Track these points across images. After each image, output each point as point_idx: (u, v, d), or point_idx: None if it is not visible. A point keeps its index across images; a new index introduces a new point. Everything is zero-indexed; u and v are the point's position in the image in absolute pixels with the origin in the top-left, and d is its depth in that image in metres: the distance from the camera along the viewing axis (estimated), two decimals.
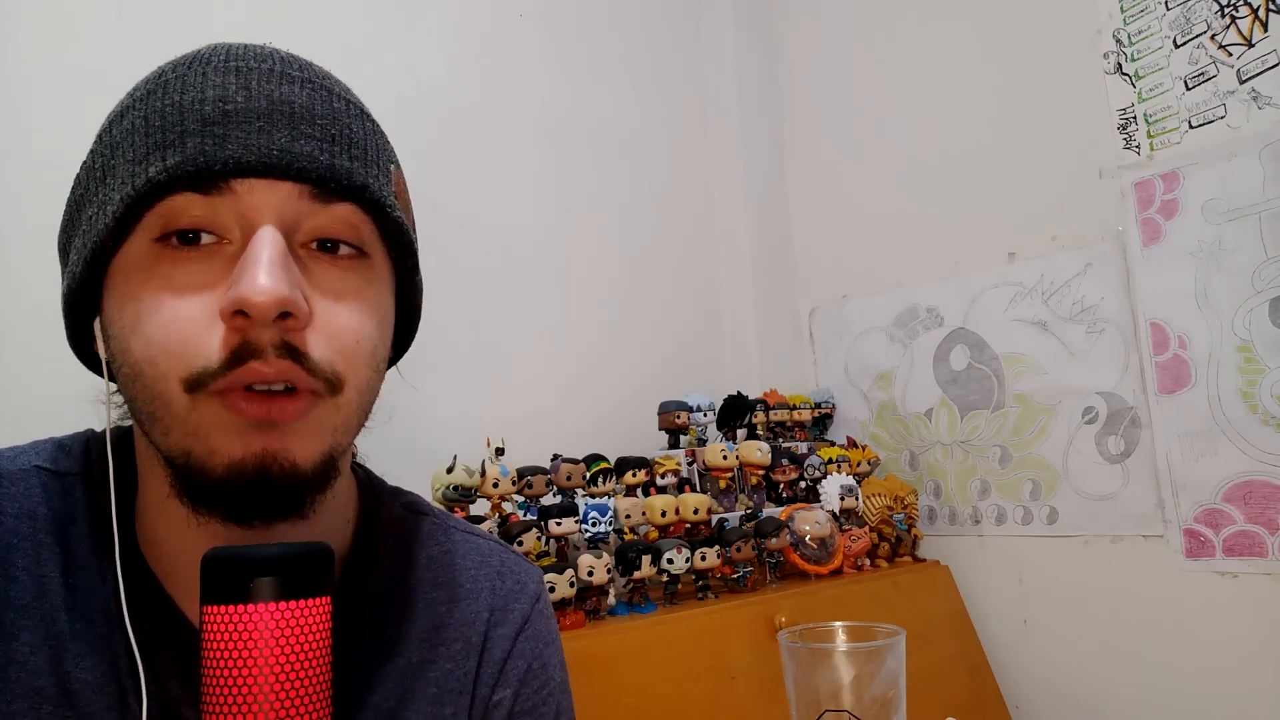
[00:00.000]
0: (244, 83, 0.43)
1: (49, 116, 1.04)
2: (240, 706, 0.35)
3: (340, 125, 0.46)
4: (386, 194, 0.47)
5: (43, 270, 0.98)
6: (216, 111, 0.42)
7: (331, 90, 0.47)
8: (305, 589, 0.37)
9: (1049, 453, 1.51)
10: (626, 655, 1.05)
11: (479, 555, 0.60)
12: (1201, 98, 1.33)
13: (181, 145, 0.41)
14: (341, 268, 0.45)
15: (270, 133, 0.42)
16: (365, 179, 0.45)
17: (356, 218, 0.46)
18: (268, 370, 0.41)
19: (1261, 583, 1.25)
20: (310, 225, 0.44)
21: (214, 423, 0.41)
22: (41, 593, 0.45)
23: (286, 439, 0.42)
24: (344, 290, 0.45)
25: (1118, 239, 1.42)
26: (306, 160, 0.43)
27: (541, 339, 1.54)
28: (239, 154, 0.41)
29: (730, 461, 1.40)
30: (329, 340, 0.43)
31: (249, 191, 0.42)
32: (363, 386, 0.46)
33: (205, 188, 0.41)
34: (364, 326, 0.46)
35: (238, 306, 0.40)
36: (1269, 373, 1.25)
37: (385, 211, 0.46)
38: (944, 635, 1.46)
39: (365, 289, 0.46)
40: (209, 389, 0.41)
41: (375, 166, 0.47)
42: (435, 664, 0.54)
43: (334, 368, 0.44)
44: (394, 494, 0.60)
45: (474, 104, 1.51)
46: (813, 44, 1.97)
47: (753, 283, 1.87)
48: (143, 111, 0.44)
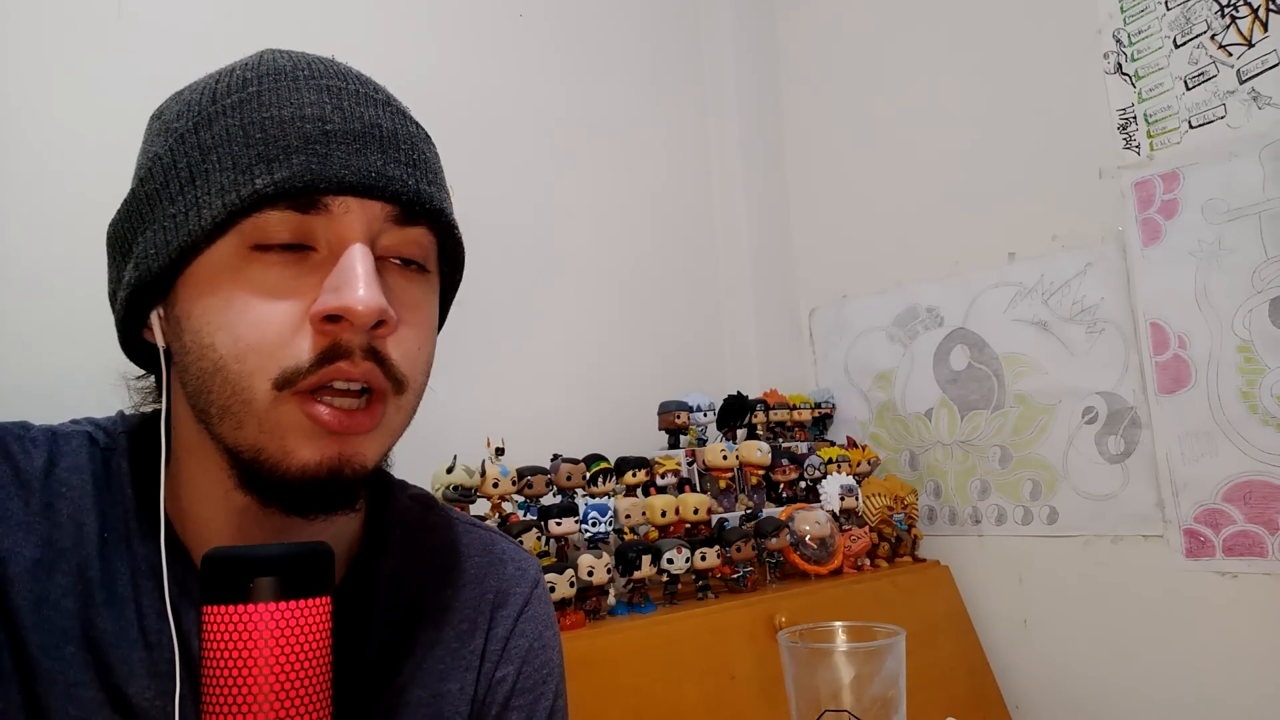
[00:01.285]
0: (338, 103, 0.47)
1: (49, 116, 1.04)
2: (240, 706, 0.35)
3: (419, 150, 0.50)
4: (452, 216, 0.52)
5: (42, 267, 0.98)
6: (317, 130, 0.45)
7: (405, 114, 0.51)
8: (305, 589, 0.37)
9: (1049, 453, 1.51)
10: (626, 655, 1.05)
11: (482, 544, 0.63)
12: (1201, 98, 1.33)
13: (287, 161, 0.44)
14: (410, 280, 0.50)
15: (366, 154, 0.46)
16: (442, 203, 0.50)
17: (425, 238, 0.50)
18: (354, 370, 0.45)
19: (1261, 583, 1.25)
20: (388, 242, 0.48)
21: (292, 424, 0.45)
22: (80, 539, 0.47)
23: (360, 444, 0.46)
24: (412, 302, 0.49)
25: (1118, 239, 1.42)
26: (398, 184, 0.47)
27: (541, 339, 1.54)
28: (341, 174, 0.45)
29: (730, 461, 1.40)
30: (402, 346, 0.48)
31: (343, 209, 0.45)
32: (419, 390, 0.51)
33: (305, 205, 0.45)
34: (425, 335, 0.51)
35: (340, 313, 0.44)
36: (1269, 373, 1.25)
37: (452, 233, 0.52)
38: (944, 635, 1.46)
39: (424, 301, 0.51)
40: (296, 387, 0.44)
41: (444, 190, 0.52)
42: (442, 643, 0.57)
43: (403, 371, 0.48)
44: (402, 486, 0.64)
45: (474, 103, 1.51)
46: (813, 44, 1.97)
47: (753, 283, 1.87)
48: (238, 120, 0.46)
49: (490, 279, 1.47)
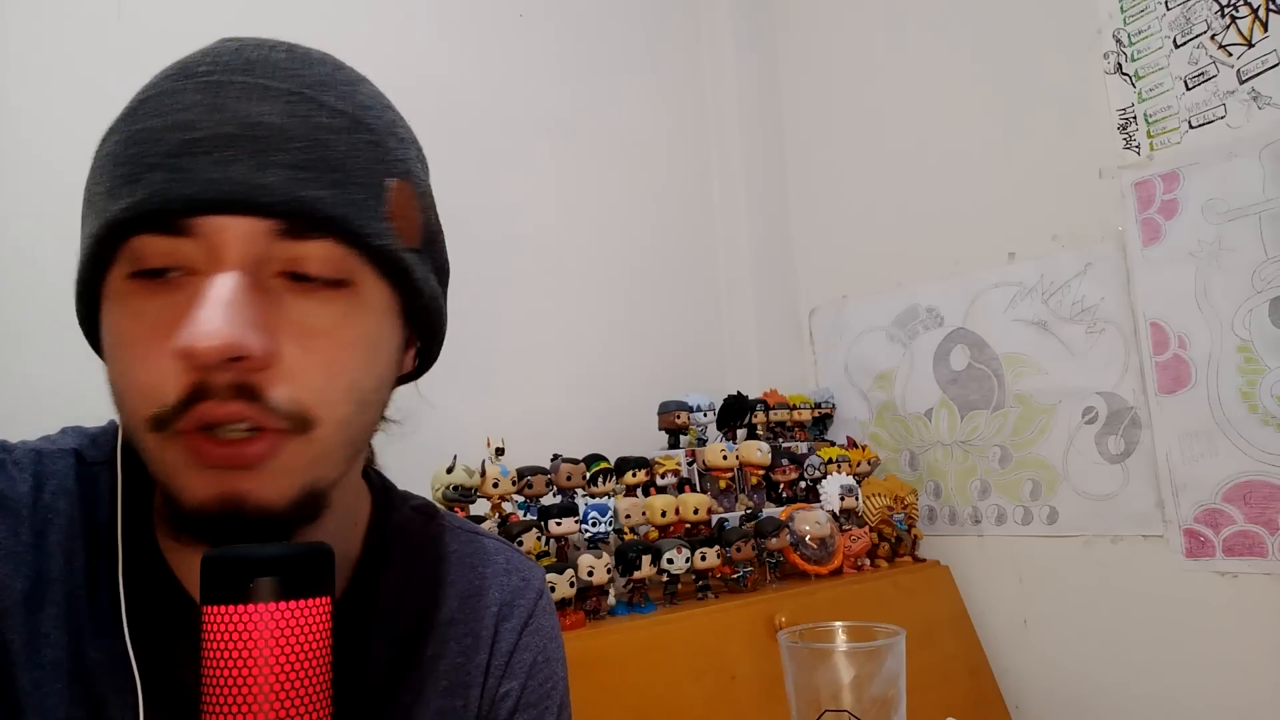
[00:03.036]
0: (215, 102, 0.41)
1: (49, 117, 1.04)
2: (240, 706, 0.35)
3: (319, 147, 0.42)
4: (368, 219, 0.43)
5: (42, 268, 0.98)
6: (179, 140, 0.40)
7: (318, 101, 0.43)
8: (305, 589, 0.37)
9: (1049, 453, 1.51)
10: (626, 655, 1.05)
11: (485, 554, 0.62)
12: (1201, 98, 1.33)
13: (145, 180, 0.40)
14: (319, 299, 0.43)
15: (234, 163, 0.40)
16: (337, 209, 0.42)
17: (335, 249, 0.42)
18: (219, 411, 0.40)
19: (1261, 583, 1.25)
20: (283, 258, 0.41)
21: (178, 463, 0.41)
22: (70, 569, 0.45)
23: (252, 480, 0.41)
24: (319, 324, 0.42)
25: (1118, 239, 1.42)
26: (267, 194, 0.40)
27: (541, 339, 1.54)
28: (197, 191, 0.39)
29: (730, 461, 1.40)
30: (297, 378, 0.41)
31: (215, 228, 0.40)
32: (343, 420, 0.44)
33: (166, 227, 0.40)
34: (341, 360, 0.43)
35: (182, 354, 0.39)
36: (1269, 373, 1.25)
37: (364, 241, 0.43)
38: (944, 635, 1.46)
39: (345, 321, 0.44)
40: (170, 429, 0.40)
41: (359, 190, 0.43)
42: (446, 657, 0.55)
43: (301, 406, 0.42)
44: (404, 498, 0.62)
45: (474, 104, 1.52)
46: (813, 44, 1.97)
47: (753, 283, 1.87)
48: (120, 135, 0.42)
49: (490, 279, 1.47)
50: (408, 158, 0.48)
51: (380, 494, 0.59)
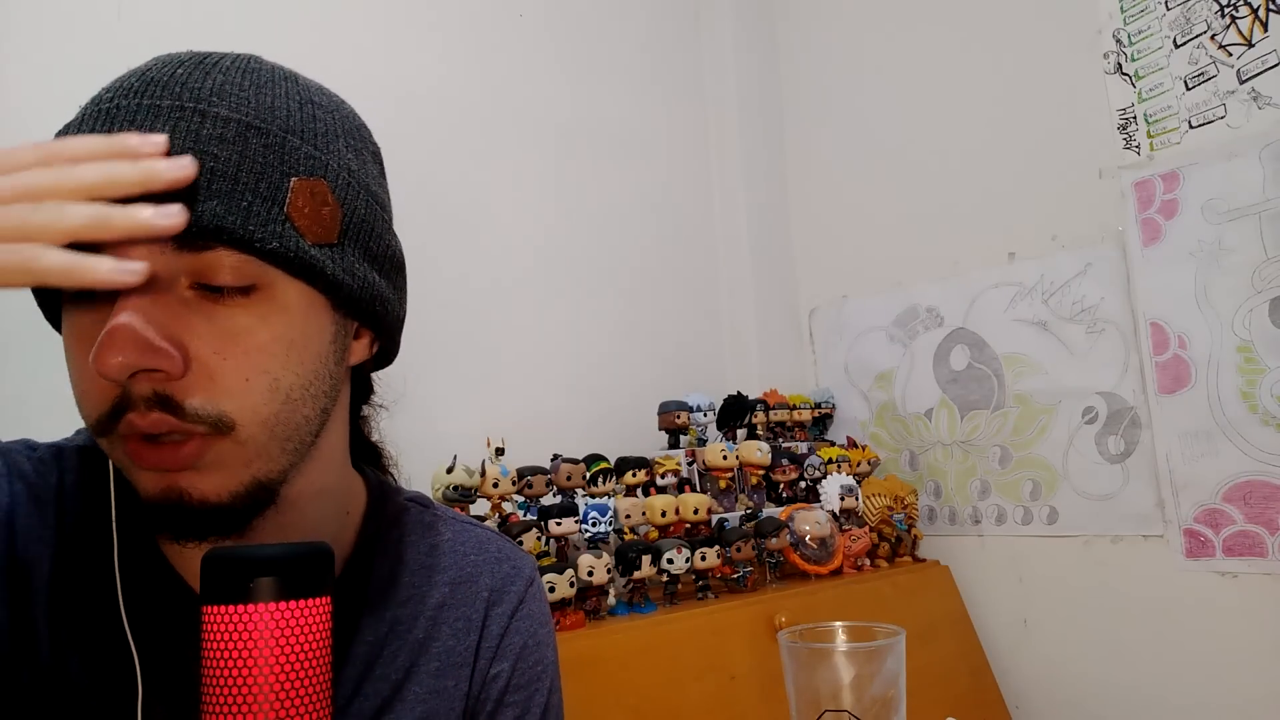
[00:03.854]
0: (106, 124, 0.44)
1: (49, 116, 1.03)
2: (240, 706, 0.35)
3: (204, 159, 0.42)
4: (260, 224, 0.43)
5: None
6: None
7: (205, 113, 0.44)
8: (305, 589, 0.37)
9: (1049, 453, 1.51)
10: (626, 655, 1.05)
11: (478, 542, 0.64)
12: (1201, 98, 1.33)
13: None
14: (229, 306, 0.44)
15: None
16: (224, 219, 0.42)
17: (236, 256, 0.43)
18: (141, 422, 0.42)
19: (1261, 583, 1.25)
20: (189, 269, 0.43)
21: (125, 463, 0.45)
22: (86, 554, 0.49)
23: (189, 479, 0.44)
24: (230, 330, 0.44)
25: (1118, 239, 1.42)
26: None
27: (542, 339, 1.54)
28: None
29: (730, 461, 1.40)
30: (211, 385, 0.43)
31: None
32: (268, 419, 0.45)
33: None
34: (256, 363, 0.45)
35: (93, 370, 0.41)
36: (1269, 373, 1.25)
37: (254, 247, 0.43)
38: (944, 635, 1.46)
39: (259, 325, 0.45)
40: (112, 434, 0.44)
41: (250, 194, 0.43)
42: (438, 640, 0.58)
43: (218, 411, 0.43)
44: (397, 490, 0.64)
45: (474, 104, 1.51)
46: (813, 44, 1.97)
47: (753, 283, 1.87)
48: None
49: (490, 279, 1.47)
50: (319, 153, 0.48)
51: (375, 488, 0.61)
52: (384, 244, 0.52)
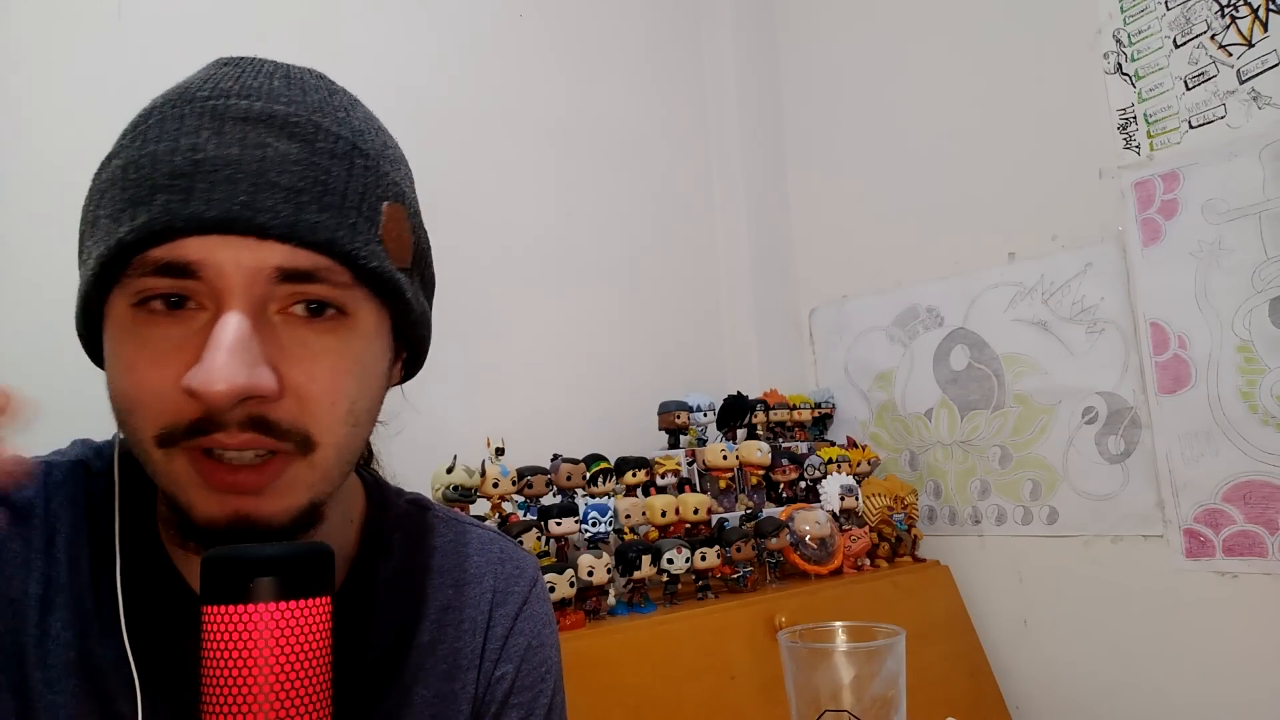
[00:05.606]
0: (217, 127, 0.42)
1: (49, 115, 1.04)
2: (240, 706, 0.35)
3: (318, 172, 0.43)
4: (363, 243, 0.44)
5: (43, 268, 0.98)
6: (187, 162, 0.41)
7: (318, 126, 0.45)
8: (305, 589, 0.37)
9: (1049, 453, 1.51)
10: (626, 655, 1.05)
11: (480, 543, 0.63)
12: (1201, 98, 1.33)
13: (150, 202, 0.41)
14: (318, 330, 0.45)
15: (236, 184, 0.41)
16: (335, 233, 0.43)
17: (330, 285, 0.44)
18: (231, 442, 0.42)
19: (1261, 583, 1.25)
20: (283, 295, 0.43)
21: (187, 479, 0.43)
22: (75, 573, 0.48)
23: (259, 502, 0.43)
24: (320, 352, 0.44)
25: (1118, 239, 1.42)
26: (268, 215, 0.41)
27: (541, 339, 1.54)
28: (200, 210, 0.40)
29: (730, 461, 1.40)
30: (302, 405, 0.44)
31: (217, 271, 0.41)
32: (340, 444, 0.46)
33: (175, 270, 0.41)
34: (340, 387, 0.45)
35: (194, 394, 0.40)
36: (1269, 373, 1.25)
37: (359, 264, 0.44)
38: (944, 635, 1.46)
39: (343, 348, 0.46)
40: (179, 445, 0.42)
41: (355, 213, 0.44)
42: (444, 642, 0.57)
43: (306, 430, 0.44)
44: (398, 493, 0.64)
45: (474, 104, 1.51)
46: (813, 44, 1.97)
47: (753, 283, 1.87)
48: (123, 159, 0.43)
49: (490, 279, 1.47)
50: (400, 179, 0.49)
51: (374, 490, 0.61)
52: (432, 270, 0.55)
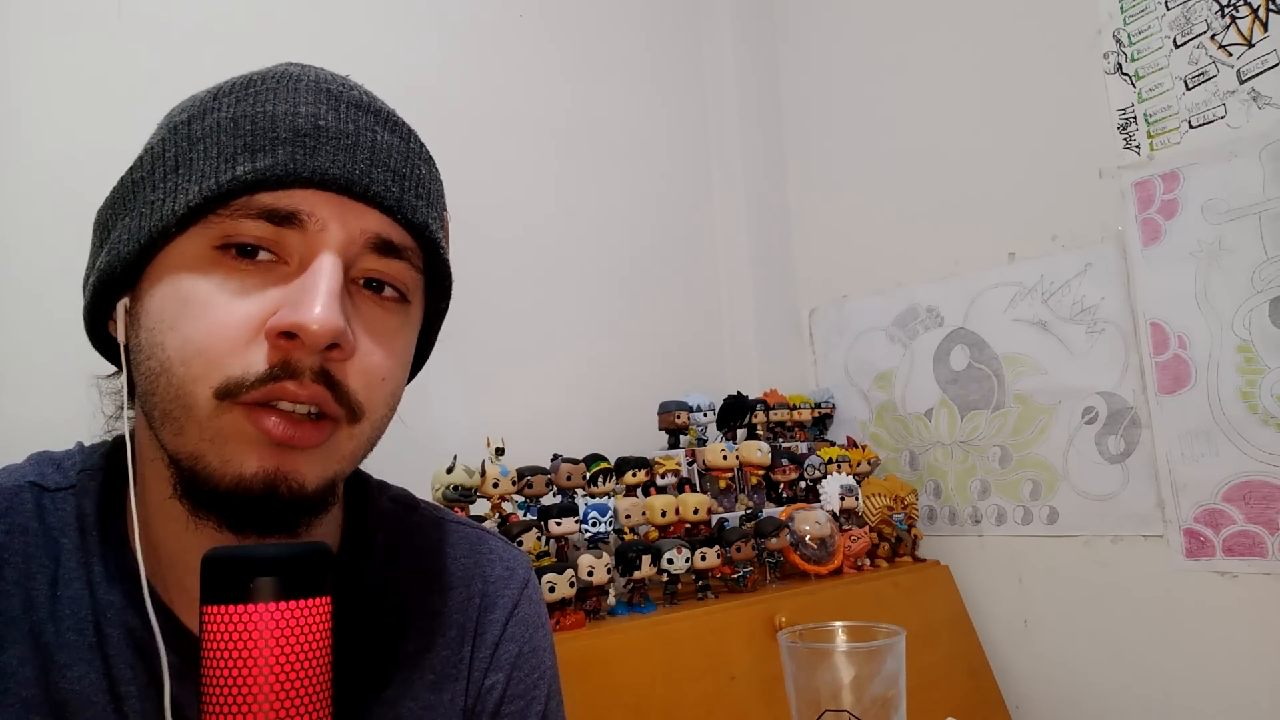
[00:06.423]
0: (334, 105, 0.46)
1: (49, 115, 1.04)
2: (240, 706, 0.35)
3: (414, 166, 0.49)
4: (440, 236, 0.50)
5: (41, 267, 0.98)
6: (310, 125, 0.44)
7: (408, 132, 0.50)
8: (305, 589, 0.37)
9: (1049, 453, 1.51)
10: (626, 655, 1.05)
11: (468, 544, 0.61)
12: (1201, 98, 1.33)
13: (272, 151, 0.43)
14: (385, 309, 0.48)
15: (355, 154, 0.45)
16: (427, 218, 0.48)
17: (408, 271, 0.48)
18: (301, 393, 0.43)
19: (1261, 583, 1.25)
20: (366, 266, 0.46)
21: (235, 433, 0.42)
22: (30, 605, 0.45)
23: (299, 461, 0.44)
24: (383, 330, 0.47)
25: (1118, 239, 1.42)
26: (381, 186, 0.45)
27: (541, 339, 1.54)
28: (325, 167, 0.43)
29: (730, 461, 1.40)
30: (362, 375, 0.46)
31: (319, 226, 0.44)
32: (378, 422, 0.48)
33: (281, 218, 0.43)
34: (391, 368, 0.48)
35: (292, 330, 0.42)
36: (1269, 373, 1.25)
37: (437, 251, 0.49)
38: (944, 635, 1.46)
39: (399, 332, 0.49)
40: (239, 399, 0.42)
41: (435, 210, 0.50)
42: (432, 651, 0.55)
43: (359, 399, 0.46)
44: (380, 488, 0.61)
45: (474, 104, 1.51)
46: (813, 44, 1.97)
47: (753, 283, 1.87)
48: (230, 113, 0.45)
49: (491, 279, 1.47)
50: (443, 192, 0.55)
51: (355, 485, 0.58)
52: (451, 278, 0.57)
